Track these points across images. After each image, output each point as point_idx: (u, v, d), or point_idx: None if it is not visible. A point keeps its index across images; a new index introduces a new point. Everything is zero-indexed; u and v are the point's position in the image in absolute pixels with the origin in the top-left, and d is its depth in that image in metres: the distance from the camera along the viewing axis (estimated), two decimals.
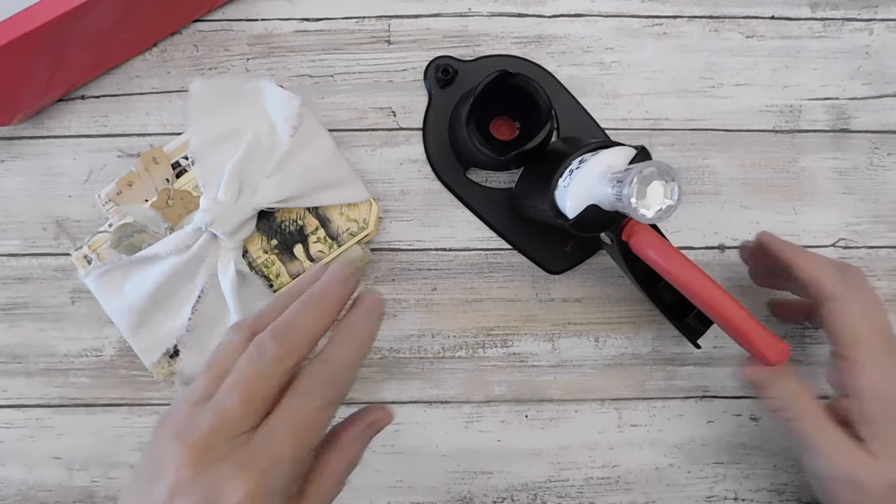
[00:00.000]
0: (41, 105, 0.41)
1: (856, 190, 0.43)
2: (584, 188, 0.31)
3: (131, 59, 0.42)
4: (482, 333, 0.42)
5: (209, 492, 0.24)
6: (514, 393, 0.42)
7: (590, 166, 0.32)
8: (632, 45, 0.43)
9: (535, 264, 0.42)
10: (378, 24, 0.43)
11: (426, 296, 0.42)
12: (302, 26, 0.43)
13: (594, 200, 0.31)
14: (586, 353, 0.42)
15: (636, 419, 0.42)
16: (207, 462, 0.24)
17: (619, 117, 0.43)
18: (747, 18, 0.44)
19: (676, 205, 0.28)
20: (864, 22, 0.44)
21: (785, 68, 0.44)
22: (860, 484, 0.31)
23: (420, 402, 0.41)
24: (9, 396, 0.41)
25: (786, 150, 0.43)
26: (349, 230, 0.40)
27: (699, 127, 0.43)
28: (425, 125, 0.42)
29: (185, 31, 0.42)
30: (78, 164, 0.41)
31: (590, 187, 0.31)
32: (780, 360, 0.30)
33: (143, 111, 0.42)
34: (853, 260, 0.43)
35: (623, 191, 0.28)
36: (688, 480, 0.42)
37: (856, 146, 0.43)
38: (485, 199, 0.42)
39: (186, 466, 0.24)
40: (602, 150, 0.32)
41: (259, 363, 0.25)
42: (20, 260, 0.41)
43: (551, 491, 0.41)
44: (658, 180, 0.28)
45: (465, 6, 0.43)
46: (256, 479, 0.24)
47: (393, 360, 0.41)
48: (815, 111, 0.44)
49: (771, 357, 0.30)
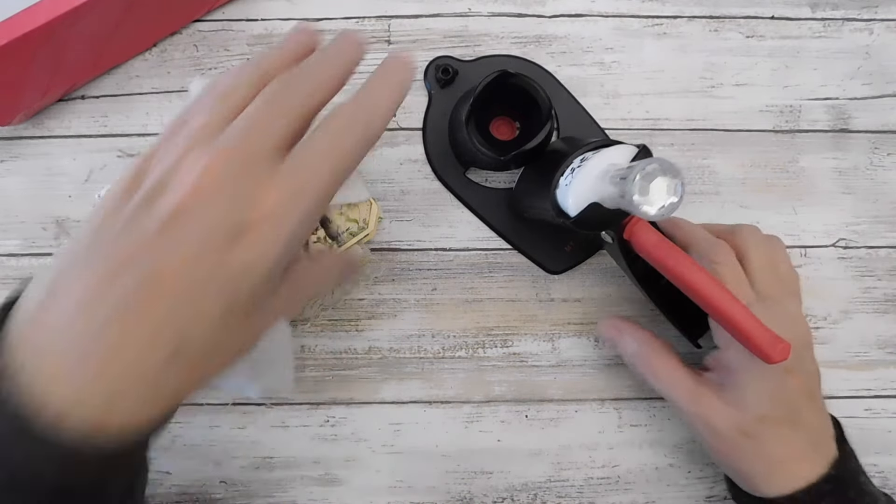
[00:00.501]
0: (41, 105, 0.41)
1: (856, 190, 0.43)
2: (586, 186, 0.31)
3: (131, 59, 0.42)
4: (482, 333, 0.42)
5: (240, 192, 0.22)
6: (514, 393, 0.42)
7: (592, 164, 0.31)
8: (632, 45, 0.43)
9: (535, 264, 0.42)
10: (378, 24, 0.43)
11: (426, 296, 0.42)
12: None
13: (596, 198, 0.31)
14: (586, 353, 0.42)
15: (636, 419, 0.42)
16: (239, 165, 0.22)
17: (619, 117, 0.43)
18: (747, 18, 0.44)
19: (679, 202, 0.28)
20: (864, 22, 0.44)
21: (785, 68, 0.44)
22: (713, 427, 0.34)
23: (420, 402, 0.41)
24: None
25: (786, 150, 0.43)
26: (349, 230, 0.40)
27: (699, 127, 0.43)
28: (425, 125, 0.42)
29: (185, 31, 0.42)
30: (78, 164, 0.41)
31: (592, 185, 0.31)
32: (783, 357, 0.30)
33: (143, 111, 0.42)
34: (853, 260, 0.43)
35: (626, 188, 0.28)
36: (688, 480, 0.42)
37: (856, 146, 0.43)
38: (485, 199, 0.42)
39: (215, 166, 0.22)
40: (604, 148, 0.32)
41: (288, 94, 0.23)
42: (20, 260, 0.41)
43: (551, 491, 0.41)
44: (661, 177, 0.27)
45: (465, 6, 0.43)
46: (290, 193, 0.22)
47: (393, 360, 0.41)
48: (815, 111, 0.44)
49: (774, 355, 0.30)
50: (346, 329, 0.41)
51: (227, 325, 0.23)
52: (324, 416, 0.41)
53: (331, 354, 0.41)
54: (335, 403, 0.41)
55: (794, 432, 0.33)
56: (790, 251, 0.43)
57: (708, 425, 0.34)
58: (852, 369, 0.42)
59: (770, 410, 0.33)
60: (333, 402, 0.41)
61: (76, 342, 0.21)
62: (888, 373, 0.42)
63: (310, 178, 0.23)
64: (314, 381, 0.41)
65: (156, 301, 0.21)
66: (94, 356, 0.21)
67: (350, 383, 0.41)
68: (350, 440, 0.41)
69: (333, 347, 0.41)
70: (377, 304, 0.42)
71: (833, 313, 0.43)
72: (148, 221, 0.22)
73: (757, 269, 0.34)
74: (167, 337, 0.21)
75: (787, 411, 0.33)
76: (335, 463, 0.41)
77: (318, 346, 0.41)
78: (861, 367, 0.42)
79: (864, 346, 0.43)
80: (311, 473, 0.41)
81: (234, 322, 0.23)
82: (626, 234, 0.34)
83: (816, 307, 0.43)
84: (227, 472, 0.40)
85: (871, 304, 0.43)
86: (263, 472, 0.41)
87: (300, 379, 0.41)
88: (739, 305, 0.31)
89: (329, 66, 0.25)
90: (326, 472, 0.41)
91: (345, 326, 0.41)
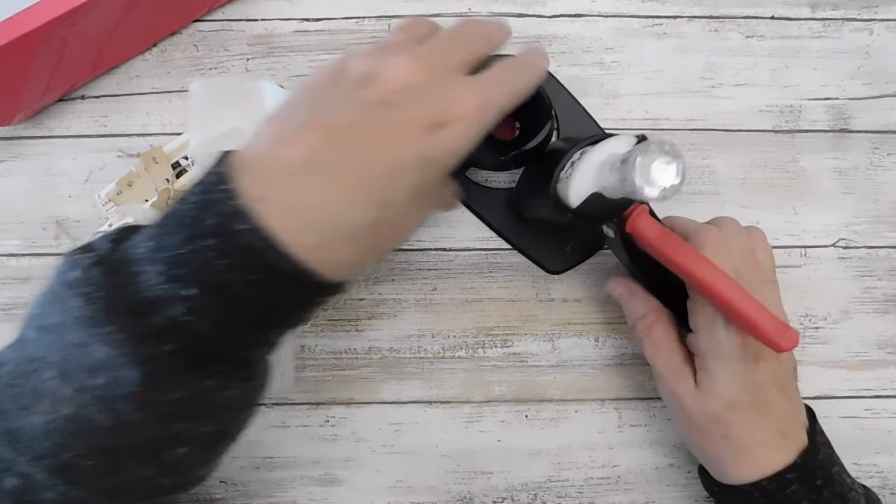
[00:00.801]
0: (41, 105, 0.41)
1: (856, 190, 0.43)
2: (587, 176, 0.31)
3: (131, 59, 0.42)
4: (482, 333, 0.42)
5: (440, 97, 0.26)
6: (514, 393, 0.42)
7: (592, 155, 0.31)
8: (632, 45, 0.43)
9: (536, 264, 0.42)
10: (378, 24, 0.43)
11: (426, 296, 0.42)
12: (302, 26, 0.43)
13: (597, 188, 0.31)
14: (586, 353, 0.42)
15: (636, 419, 0.42)
16: (437, 69, 0.26)
17: (619, 117, 0.43)
18: (747, 18, 0.44)
19: (681, 184, 0.27)
20: (864, 22, 0.44)
21: (785, 68, 0.44)
22: (685, 409, 0.35)
23: (420, 402, 0.41)
24: None
25: (786, 150, 0.43)
26: None
27: (699, 127, 0.43)
28: None
29: (185, 31, 0.42)
30: (78, 164, 0.41)
31: (592, 175, 0.31)
32: (791, 346, 0.30)
33: (143, 111, 0.42)
34: (853, 260, 0.43)
35: (627, 172, 0.27)
36: (688, 480, 0.42)
37: (856, 146, 0.43)
38: (485, 199, 0.42)
39: (417, 70, 0.25)
40: (603, 140, 0.32)
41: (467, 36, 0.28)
42: (20, 260, 0.41)
43: (551, 491, 0.41)
44: (662, 158, 0.27)
45: (465, 6, 0.43)
46: (480, 102, 0.26)
47: (393, 360, 0.41)
48: (815, 111, 0.44)
49: (782, 344, 0.30)
50: (346, 329, 0.41)
51: (414, 203, 0.26)
52: (324, 416, 0.41)
53: (331, 354, 0.41)
54: (335, 403, 0.41)
55: (761, 419, 0.34)
56: (790, 251, 0.43)
57: (681, 407, 0.35)
58: (852, 369, 0.42)
59: (739, 397, 0.33)
60: (333, 402, 0.41)
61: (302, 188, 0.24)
62: (888, 373, 0.42)
63: (494, 96, 0.27)
64: (314, 381, 0.41)
65: (370, 165, 0.24)
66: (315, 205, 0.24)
67: (350, 383, 0.41)
68: (350, 440, 0.41)
69: (333, 347, 0.41)
70: (377, 304, 0.42)
71: (833, 313, 0.43)
72: (365, 96, 0.25)
73: (737, 257, 0.34)
74: (374, 201, 0.24)
75: (755, 398, 0.33)
76: (335, 463, 0.41)
77: (318, 346, 0.41)
78: (861, 367, 0.42)
79: (864, 346, 0.42)
80: (311, 473, 0.41)
81: (417, 202, 0.26)
82: (629, 228, 0.34)
83: (816, 307, 0.43)
84: (226, 472, 0.40)
85: (871, 304, 0.43)
86: (263, 471, 0.41)
87: (300, 379, 0.41)
88: (745, 293, 0.31)
89: (492, 30, 0.30)
90: (326, 472, 0.41)
91: (345, 326, 0.41)
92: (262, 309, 0.25)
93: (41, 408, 0.23)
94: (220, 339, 0.24)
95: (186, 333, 0.23)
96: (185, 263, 0.23)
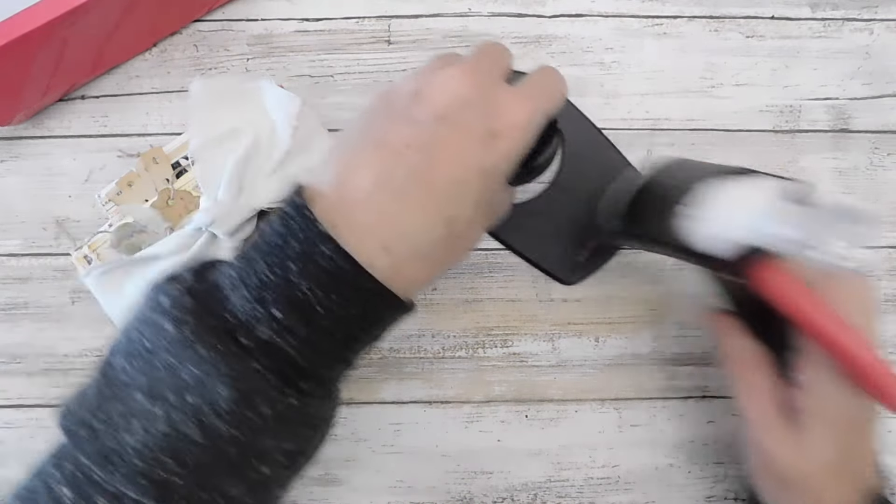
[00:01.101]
0: (41, 105, 0.41)
1: (856, 190, 0.43)
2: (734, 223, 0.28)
3: (131, 59, 0.42)
4: (482, 333, 0.42)
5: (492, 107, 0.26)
6: (514, 393, 0.42)
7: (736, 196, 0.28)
8: (632, 45, 0.43)
9: (551, 277, 0.41)
10: (378, 24, 0.43)
11: (426, 296, 0.42)
12: (302, 26, 0.43)
13: (753, 240, 0.27)
14: (586, 353, 0.42)
15: (636, 419, 0.42)
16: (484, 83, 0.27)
17: (619, 117, 0.43)
18: (747, 18, 0.44)
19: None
20: (864, 22, 0.44)
21: (785, 68, 0.44)
22: (772, 460, 0.32)
23: (420, 402, 0.41)
24: (9, 396, 0.41)
25: (786, 150, 0.43)
26: None
27: (699, 127, 0.43)
28: None
29: (185, 31, 0.42)
30: (78, 164, 0.41)
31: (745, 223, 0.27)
32: None
33: (143, 111, 0.42)
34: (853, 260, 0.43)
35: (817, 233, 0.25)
36: (688, 480, 0.42)
37: (856, 146, 0.43)
38: None
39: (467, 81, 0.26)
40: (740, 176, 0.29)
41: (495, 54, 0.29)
42: (20, 260, 0.41)
43: (551, 491, 0.41)
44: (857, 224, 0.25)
45: (465, 6, 0.43)
46: (530, 111, 0.27)
47: (393, 360, 0.41)
48: (815, 111, 0.44)
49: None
50: None
51: (478, 213, 0.27)
52: None
53: None
54: None
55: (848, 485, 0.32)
56: None
57: (769, 458, 0.32)
58: None
59: (838, 459, 0.31)
60: None
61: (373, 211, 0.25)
62: None
63: (540, 103, 0.28)
64: None
65: (434, 182, 0.25)
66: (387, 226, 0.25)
67: (350, 383, 0.41)
68: (350, 440, 0.41)
69: None
70: None
71: None
72: (419, 113, 0.26)
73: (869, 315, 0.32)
74: (442, 217, 0.26)
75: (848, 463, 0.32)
76: (335, 463, 0.41)
77: None
78: None
79: None
80: (311, 473, 0.41)
81: (481, 212, 0.27)
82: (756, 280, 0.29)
83: None
84: None
85: None
86: None
87: None
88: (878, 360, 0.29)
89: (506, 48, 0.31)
90: (326, 472, 0.41)
91: None
92: (344, 327, 0.26)
93: (134, 427, 0.23)
94: (304, 357, 0.25)
95: (274, 353, 0.24)
96: (270, 287, 0.24)
